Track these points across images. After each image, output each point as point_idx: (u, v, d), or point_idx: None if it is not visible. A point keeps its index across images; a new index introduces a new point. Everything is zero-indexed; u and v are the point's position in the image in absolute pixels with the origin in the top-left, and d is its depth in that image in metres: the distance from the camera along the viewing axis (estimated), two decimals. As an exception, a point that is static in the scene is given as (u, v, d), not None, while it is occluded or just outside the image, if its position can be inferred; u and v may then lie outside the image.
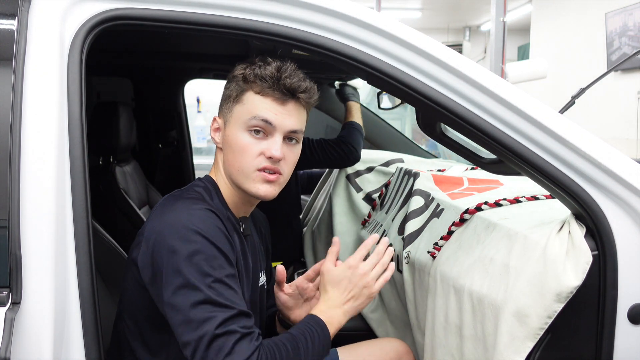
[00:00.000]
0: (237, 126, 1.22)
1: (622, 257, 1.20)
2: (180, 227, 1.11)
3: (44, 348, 1.00)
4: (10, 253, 0.98)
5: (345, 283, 1.25)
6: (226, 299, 1.08)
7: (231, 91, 1.24)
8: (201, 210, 1.15)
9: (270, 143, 1.21)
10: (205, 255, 1.09)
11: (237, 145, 1.21)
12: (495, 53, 8.19)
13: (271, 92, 1.20)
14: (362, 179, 2.52)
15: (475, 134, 1.19)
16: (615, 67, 2.09)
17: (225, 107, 1.26)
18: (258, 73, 1.21)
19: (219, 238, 1.12)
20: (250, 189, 1.22)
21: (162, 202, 1.22)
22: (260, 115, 1.20)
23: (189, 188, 1.27)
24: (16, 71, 1.02)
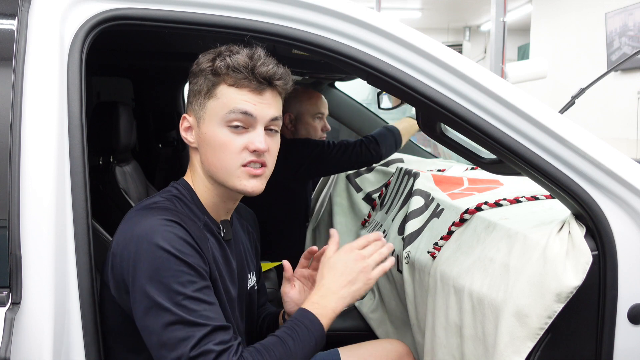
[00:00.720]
0: (214, 122, 1.15)
1: (622, 257, 1.20)
2: (144, 242, 1.05)
3: (44, 348, 1.00)
4: (10, 253, 0.98)
5: (341, 266, 1.20)
6: (199, 315, 1.03)
7: (200, 86, 1.16)
8: (166, 222, 1.07)
9: (252, 136, 1.14)
10: (171, 271, 1.04)
11: (217, 142, 1.14)
12: (495, 53, 8.20)
13: (247, 82, 1.13)
14: (362, 178, 2.52)
15: (475, 134, 1.19)
16: (615, 67, 2.09)
17: (195, 103, 1.18)
18: (229, 64, 1.13)
19: (185, 250, 1.06)
20: (237, 186, 1.16)
21: (129, 214, 1.15)
22: (239, 108, 1.13)
23: (161, 194, 1.20)
24: (16, 71, 1.02)
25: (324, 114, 2.59)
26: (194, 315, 1.03)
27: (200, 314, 1.04)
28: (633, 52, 1.87)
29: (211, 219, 1.22)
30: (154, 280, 1.03)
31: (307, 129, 2.55)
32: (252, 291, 1.35)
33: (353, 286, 1.19)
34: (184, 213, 1.15)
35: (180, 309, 1.02)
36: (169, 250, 1.04)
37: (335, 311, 1.17)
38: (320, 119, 2.57)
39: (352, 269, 1.20)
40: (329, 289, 1.18)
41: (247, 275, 1.33)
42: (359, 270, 1.20)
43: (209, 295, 1.08)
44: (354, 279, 1.20)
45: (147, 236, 1.05)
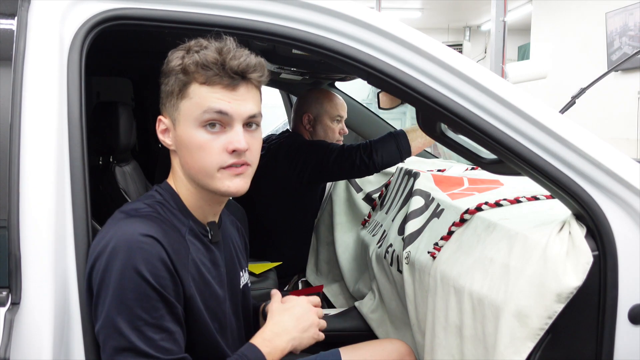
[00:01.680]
0: (189, 124, 1.09)
1: (623, 258, 1.19)
2: (118, 257, 1.01)
3: (44, 348, 0.99)
4: (10, 253, 0.98)
5: (300, 310, 1.23)
6: (154, 346, 1.01)
7: (172, 86, 1.10)
8: (143, 239, 1.02)
9: (231, 135, 1.08)
10: (137, 294, 1.00)
11: (193, 144, 1.09)
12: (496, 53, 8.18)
13: (218, 79, 1.07)
14: (362, 178, 2.52)
15: (475, 134, 1.19)
16: (615, 67, 2.09)
17: (168, 104, 1.12)
18: (198, 61, 1.07)
19: (157, 273, 1.02)
20: (220, 188, 1.11)
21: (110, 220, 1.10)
22: (213, 107, 1.07)
23: (144, 199, 1.16)
24: (16, 71, 1.02)
25: (343, 117, 2.59)
26: (148, 344, 1.01)
27: (156, 344, 1.01)
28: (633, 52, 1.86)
29: (197, 222, 1.18)
30: (118, 299, 1.00)
31: (325, 131, 2.56)
32: (245, 289, 1.34)
33: (304, 334, 1.22)
34: (166, 221, 1.11)
35: (136, 336, 1.00)
36: (141, 272, 1.00)
37: (283, 352, 1.17)
38: (338, 121, 2.57)
39: (307, 318, 1.23)
40: (285, 328, 1.20)
41: (239, 273, 1.32)
42: (312, 322, 1.24)
43: (172, 322, 1.05)
44: (307, 328, 1.22)
45: (122, 251, 1.01)
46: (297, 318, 1.22)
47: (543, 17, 8.62)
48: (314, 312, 1.26)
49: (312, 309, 1.26)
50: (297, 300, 1.27)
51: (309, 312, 1.24)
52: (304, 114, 2.57)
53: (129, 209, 1.12)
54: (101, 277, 1.02)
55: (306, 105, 2.57)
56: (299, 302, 1.26)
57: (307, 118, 2.55)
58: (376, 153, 2.23)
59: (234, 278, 1.29)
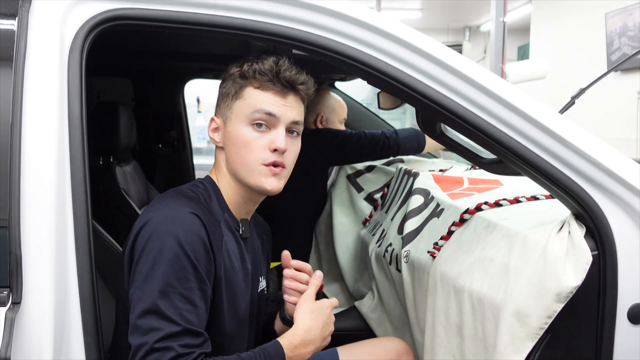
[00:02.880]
0: (239, 121, 1.22)
1: (622, 257, 1.20)
2: (164, 227, 1.11)
3: (44, 348, 1.00)
4: (10, 253, 0.99)
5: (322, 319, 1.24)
6: (177, 313, 1.06)
7: (229, 89, 1.24)
8: (189, 216, 1.13)
9: (274, 135, 1.20)
10: (173, 263, 1.08)
11: (241, 140, 1.21)
12: (495, 53, 8.18)
13: (272, 85, 1.21)
14: (363, 178, 2.52)
15: (475, 134, 1.19)
16: (615, 67, 2.09)
17: (223, 105, 1.25)
18: (256, 68, 1.21)
19: (196, 248, 1.11)
20: (257, 183, 1.21)
21: (161, 196, 1.23)
22: (264, 109, 1.20)
23: (189, 186, 1.26)
24: (16, 71, 1.02)
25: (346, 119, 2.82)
26: (173, 311, 1.06)
27: (180, 312, 1.07)
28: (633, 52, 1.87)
29: (232, 216, 1.26)
30: (154, 265, 1.08)
31: None
32: (261, 294, 1.38)
33: (324, 342, 1.25)
34: (206, 207, 1.20)
35: (164, 300, 1.06)
36: (182, 244, 1.09)
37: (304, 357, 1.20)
38: (342, 123, 2.80)
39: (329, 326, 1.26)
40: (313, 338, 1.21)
41: (259, 277, 1.36)
42: (331, 330, 1.26)
43: (200, 298, 1.10)
44: (326, 336, 1.25)
45: (166, 222, 1.11)
46: (323, 326, 1.24)
47: (543, 17, 8.62)
48: (332, 320, 1.28)
49: (332, 317, 1.27)
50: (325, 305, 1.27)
51: (330, 319, 1.27)
52: (318, 114, 2.73)
53: (174, 193, 1.22)
54: (144, 244, 1.10)
55: (319, 106, 2.75)
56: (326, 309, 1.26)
57: (320, 118, 2.71)
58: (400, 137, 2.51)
59: (255, 280, 1.33)
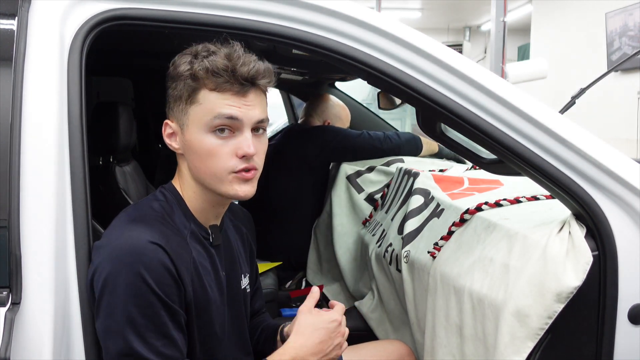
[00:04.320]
0: (198, 129, 1.10)
1: (623, 257, 1.20)
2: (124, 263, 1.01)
3: (44, 348, 0.99)
4: (10, 253, 0.98)
5: (323, 334, 1.15)
6: (155, 352, 1.01)
7: (180, 91, 1.10)
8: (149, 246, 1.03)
9: (240, 140, 1.09)
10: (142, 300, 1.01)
11: (203, 149, 1.10)
12: (495, 53, 8.18)
13: (229, 86, 1.08)
14: (363, 178, 2.52)
15: (475, 134, 1.19)
16: (615, 67, 2.09)
17: (176, 109, 1.12)
18: (208, 67, 1.07)
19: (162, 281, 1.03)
20: (229, 192, 1.12)
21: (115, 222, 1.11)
22: (224, 113, 1.08)
23: (149, 202, 1.16)
24: (16, 71, 1.02)
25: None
26: (150, 350, 1.01)
27: (158, 349, 1.02)
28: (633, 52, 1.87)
29: (199, 225, 1.18)
30: (121, 305, 1.01)
31: None
32: (244, 294, 1.32)
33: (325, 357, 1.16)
34: (169, 225, 1.11)
35: (138, 341, 1.01)
36: (145, 278, 1.01)
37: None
38: None
39: (332, 342, 1.17)
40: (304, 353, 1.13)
41: (240, 278, 1.31)
42: (336, 344, 1.18)
43: (174, 329, 1.05)
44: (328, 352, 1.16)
45: (126, 258, 1.02)
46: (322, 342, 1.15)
47: (543, 17, 8.63)
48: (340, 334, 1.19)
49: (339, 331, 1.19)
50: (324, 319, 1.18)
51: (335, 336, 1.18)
52: (325, 121, 2.80)
53: (134, 213, 1.12)
54: (104, 281, 1.02)
55: (326, 113, 2.83)
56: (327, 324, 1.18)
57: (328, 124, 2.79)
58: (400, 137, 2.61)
59: (235, 283, 1.28)
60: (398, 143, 2.59)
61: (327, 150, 2.58)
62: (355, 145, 2.57)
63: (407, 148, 2.61)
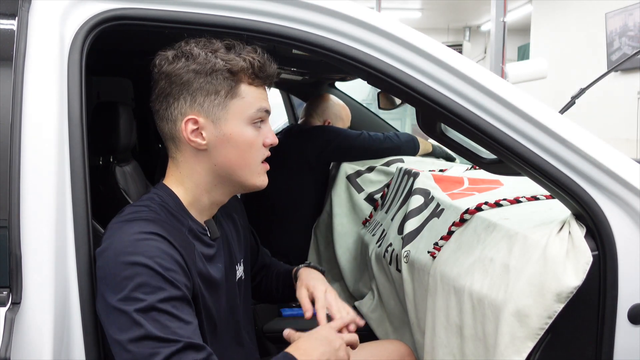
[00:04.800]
0: (241, 121, 1.15)
1: (622, 257, 1.20)
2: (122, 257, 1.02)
3: (44, 348, 0.99)
4: (10, 253, 0.98)
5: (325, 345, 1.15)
6: (171, 332, 1.00)
7: (217, 86, 1.13)
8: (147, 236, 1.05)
9: (266, 131, 1.19)
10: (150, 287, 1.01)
11: (245, 141, 1.16)
12: (495, 53, 8.19)
13: (260, 82, 1.18)
14: (363, 178, 2.52)
15: (475, 134, 1.19)
16: (615, 67, 2.09)
17: (208, 104, 1.13)
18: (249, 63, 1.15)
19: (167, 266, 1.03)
20: (256, 183, 1.20)
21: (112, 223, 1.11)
22: (264, 106, 1.18)
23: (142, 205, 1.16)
24: (16, 71, 1.02)
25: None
26: (165, 331, 1.00)
27: (173, 330, 1.01)
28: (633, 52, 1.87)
29: (195, 221, 1.20)
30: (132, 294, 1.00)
31: None
32: (239, 283, 1.34)
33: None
34: (167, 222, 1.12)
35: (152, 324, 1.00)
36: (150, 265, 1.01)
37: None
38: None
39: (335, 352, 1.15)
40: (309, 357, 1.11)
41: (235, 267, 1.32)
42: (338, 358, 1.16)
43: (187, 313, 1.05)
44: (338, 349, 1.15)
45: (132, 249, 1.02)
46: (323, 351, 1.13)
47: (543, 17, 8.63)
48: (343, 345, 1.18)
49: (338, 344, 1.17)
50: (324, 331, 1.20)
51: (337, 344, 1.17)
52: (325, 120, 2.81)
53: (129, 214, 1.12)
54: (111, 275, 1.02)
55: (327, 112, 2.84)
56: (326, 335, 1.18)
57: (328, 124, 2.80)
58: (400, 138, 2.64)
59: (231, 274, 1.30)
60: (397, 143, 2.61)
61: (328, 150, 2.59)
62: (356, 146, 2.57)
63: (406, 148, 2.62)
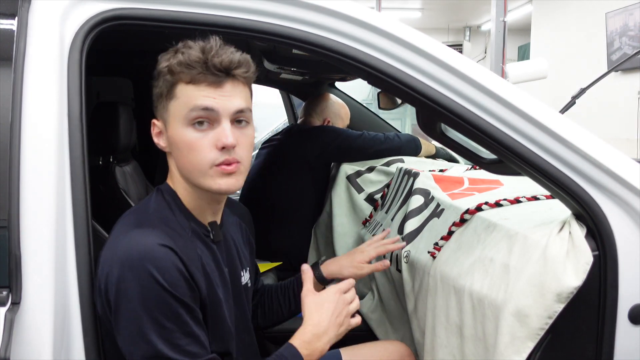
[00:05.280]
0: (178, 123, 1.10)
1: (623, 258, 1.20)
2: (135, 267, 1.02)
3: (44, 348, 0.99)
4: (10, 253, 0.98)
5: (331, 307, 1.18)
6: (181, 351, 1.02)
7: (161, 88, 1.12)
8: (158, 248, 1.04)
9: (218, 132, 1.09)
10: (159, 302, 1.02)
11: (184, 143, 1.10)
12: (496, 53, 8.19)
13: (203, 77, 1.08)
14: (363, 178, 2.52)
15: (475, 134, 1.19)
16: (615, 67, 2.09)
17: (160, 107, 1.14)
18: (182, 60, 1.08)
19: (175, 282, 1.03)
20: (211, 187, 1.11)
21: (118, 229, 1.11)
22: (199, 105, 1.08)
23: (148, 206, 1.16)
24: (16, 71, 1.02)
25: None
26: (176, 351, 1.02)
27: (183, 349, 1.03)
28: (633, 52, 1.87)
29: (198, 223, 1.18)
30: (141, 309, 1.01)
31: None
32: (245, 288, 1.33)
33: (341, 328, 1.19)
34: (172, 226, 1.12)
35: (163, 343, 1.01)
36: (159, 281, 1.02)
37: (322, 352, 1.16)
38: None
39: (340, 311, 1.19)
40: (324, 329, 1.16)
41: (240, 273, 1.32)
42: (346, 314, 1.20)
43: (195, 326, 1.06)
44: (341, 322, 1.19)
45: (137, 262, 1.02)
46: (331, 314, 1.18)
47: (543, 17, 8.63)
48: (346, 302, 1.21)
49: (344, 299, 1.21)
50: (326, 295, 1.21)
51: (342, 305, 1.20)
52: (325, 119, 2.80)
53: (135, 218, 1.12)
54: (119, 290, 1.02)
55: (326, 111, 2.83)
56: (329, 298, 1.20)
57: (327, 123, 2.79)
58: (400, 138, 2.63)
59: (236, 278, 1.29)
60: (398, 144, 2.60)
61: (328, 150, 2.59)
62: (356, 146, 2.57)
63: (407, 149, 2.62)
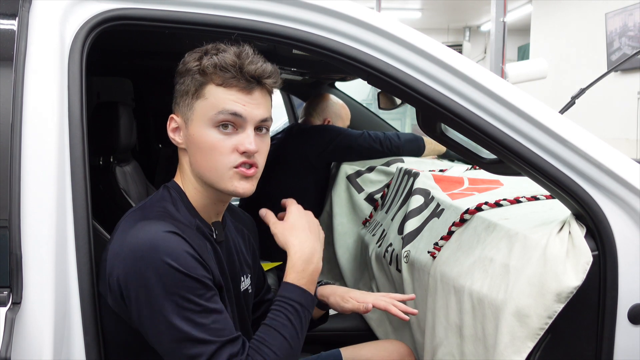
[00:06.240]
0: (202, 123, 1.11)
1: (622, 257, 1.20)
2: (147, 256, 1.02)
3: (44, 348, 1.00)
4: (10, 253, 0.98)
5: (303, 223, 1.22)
6: (207, 330, 1.03)
7: (187, 86, 1.13)
8: (167, 235, 1.04)
9: (242, 137, 1.11)
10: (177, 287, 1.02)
11: (206, 144, 1.11)
12: (495, 53, 8.19)
13: (235, 82, 1.10)
14: (363, 178, 2.53)
15: (475, 134, 1.19)
16: (615, 67, 2.09)
17: (182, 104, 1.15)
18: (217, 63, 1.10)
19: (188, 264, 1.04)
20: (228, 188, 1.13)
21: (125, 224, 1.11)
22: (228, 109, 1.10)
23: (153, 202, 1.17)
24: (17, 71, 1.02)
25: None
26: (202, 330, 1.02)
27: (209, 327, 1.03)
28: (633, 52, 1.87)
29: (202, 221, 1.19)
30: (161, 296, 1.02)
31: None
32: (245, 294, 1.33)
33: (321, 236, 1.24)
34: (180, 220, 1.13)
35: (188, 325, 1.02)
36: (174, 265, 1.02)
37: (319, 270, 1.18)
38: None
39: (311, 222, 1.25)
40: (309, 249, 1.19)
41: (240, 277, 1.31)
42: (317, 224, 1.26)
43: (217, 302, 1.07)
44: (317, 231, 1.25)
45: (149, 250, 1.02)
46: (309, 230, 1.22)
47: (543, 18, 8.63)
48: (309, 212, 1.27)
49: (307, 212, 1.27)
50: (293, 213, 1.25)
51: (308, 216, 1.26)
52: (325, 119, 2.82)
53: (141, 213, 1.13)
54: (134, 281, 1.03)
55: (327, 111, 2.85)
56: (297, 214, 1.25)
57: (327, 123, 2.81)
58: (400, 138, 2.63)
59: (235, 282, 1.29)
60: (398, 144, 2.60)
61: (329, 149, 2.59)
62: (357, 146, 2.58)
63: (408, 149, 2.62)
